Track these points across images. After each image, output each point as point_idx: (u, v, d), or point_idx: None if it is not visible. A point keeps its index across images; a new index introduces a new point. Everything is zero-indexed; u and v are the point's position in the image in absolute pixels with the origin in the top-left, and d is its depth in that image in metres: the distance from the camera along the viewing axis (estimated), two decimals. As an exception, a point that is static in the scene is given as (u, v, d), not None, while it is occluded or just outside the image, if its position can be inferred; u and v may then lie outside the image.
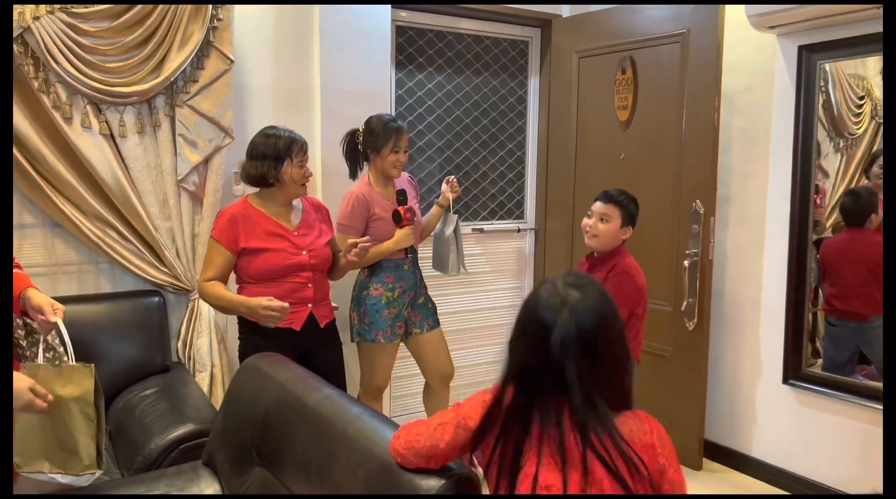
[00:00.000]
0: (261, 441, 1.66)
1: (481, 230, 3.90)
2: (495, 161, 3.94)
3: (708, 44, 3.07)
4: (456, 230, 3.13)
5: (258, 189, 2.47)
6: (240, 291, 2.46)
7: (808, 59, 2.86)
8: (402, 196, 2.81)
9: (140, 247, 2.75)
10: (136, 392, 2.56)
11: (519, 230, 4.03)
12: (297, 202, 2.55)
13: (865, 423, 2.77)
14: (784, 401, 3.06)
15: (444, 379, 3.10)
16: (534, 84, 3.99)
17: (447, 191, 3.09)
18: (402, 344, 3.01)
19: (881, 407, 2.67)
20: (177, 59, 2.65)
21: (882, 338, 2.71)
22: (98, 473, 1.73)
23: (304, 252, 2.45)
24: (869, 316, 2.81)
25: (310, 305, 2.48)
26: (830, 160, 2.93)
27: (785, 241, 2.99)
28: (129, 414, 2.46)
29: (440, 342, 3.05)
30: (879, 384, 2.77)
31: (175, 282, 2.81)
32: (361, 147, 2.84)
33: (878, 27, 2.63)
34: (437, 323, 3.05)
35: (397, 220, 2.79)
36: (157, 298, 2.78)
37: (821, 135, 2.93)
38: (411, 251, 2.90)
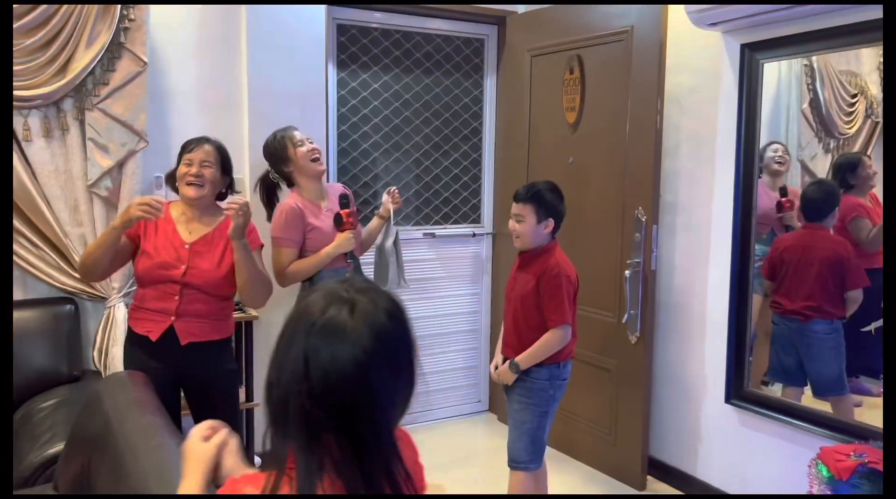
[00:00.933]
0: (88, 466, 1.58)
1: (433, 235, 3.77)
2: (448, 163, 3.81)
3: (651, 42, 2.90)
4: (396, 243, 3.01)
5: None
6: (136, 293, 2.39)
7: (751, 57, 2.68)
8: (345, 200, 2.71)
9: (51, 253, 2.69)
10: (39, 403, 2.50)
11: (474, 235, 3.90)
12: (219, 216, 2.39)
13: (807, 448, 2.58)
14: (727, 421, 2.89)
15: None
16: (490, 84, 3.85)
17: (388, 202, 2.96)
18: None
19: (824, 431, 2.50)
20: (83, 60, 2.58)
21: (821, 344, 2.59)
22: None
23: (182, 266, 2.27)
24: (811, 318, 2.64)
25: (172, 318, 2.28)
26: (819, 162, 2.75)
27: (728, 251, 2.82)
28: (24, 425, 2.39)
29: None
30: (820, 407, 2.59)
31: (88, 289, 2.74)
32: (273, 172, 2.74)
33: (821, 23, 2.45)
34: None
35: (339, 223, 2.67)
36: (68, 306, 2.72)
37: (808, 135, 2.75)
38: (352, 257, 2.76)
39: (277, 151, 2.68)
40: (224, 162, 2.39)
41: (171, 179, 2.39)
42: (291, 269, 2.63)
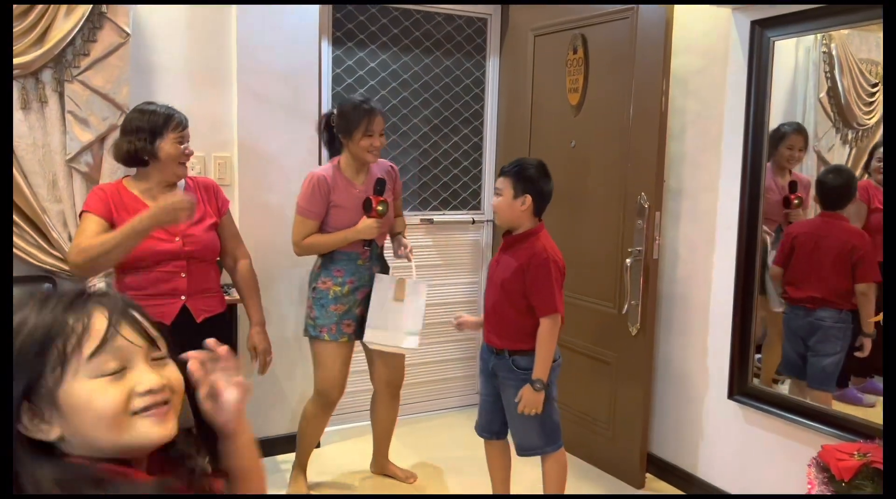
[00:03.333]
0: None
1: (430, 221, 3.66)
2: (448, 147, 3.69)
3: (657, 19, 2.76)
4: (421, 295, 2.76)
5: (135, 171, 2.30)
6: (116, 281, 2.29)
7: (761, 35, 2.54)
8: (380, 185, 2.63)
9: (29, 231, 2.61)
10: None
11: (474, 221, 3.78)
12: (180, 184, 2.36)
13: (812, 447, 2.44)
14: (730, 417, 2.76)
15: (390, 386, 2.87)
16: (493, 65, 3.72)
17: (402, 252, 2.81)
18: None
19: (831, 430, 2.36)
20: (62, 29, 2.49)
21: (826, 333, 2.47)
22: None
23: (176, 238, 2.25)
24: (818, 306, 2.52)
25: (182, 298, 2.28)
26: (837, 153, 2.63)
27: (734, 241, 2.68)
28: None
29: None
30: (827, 407, 2.46)
31: (67, 268, 2.66)
32: (335, 131, 2.64)
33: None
34: None
35: (367, 208, 2.61)
36: (46, 285, 2.64)
37: (825, 125, 2.61)
38: (370, 245, 2.68)
39: (347, 122, 2.57)
40: None
41: (135, 155, 2.22)
42: (307, 241, 2.60)
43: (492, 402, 2.48)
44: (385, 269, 2.80)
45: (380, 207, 2.60)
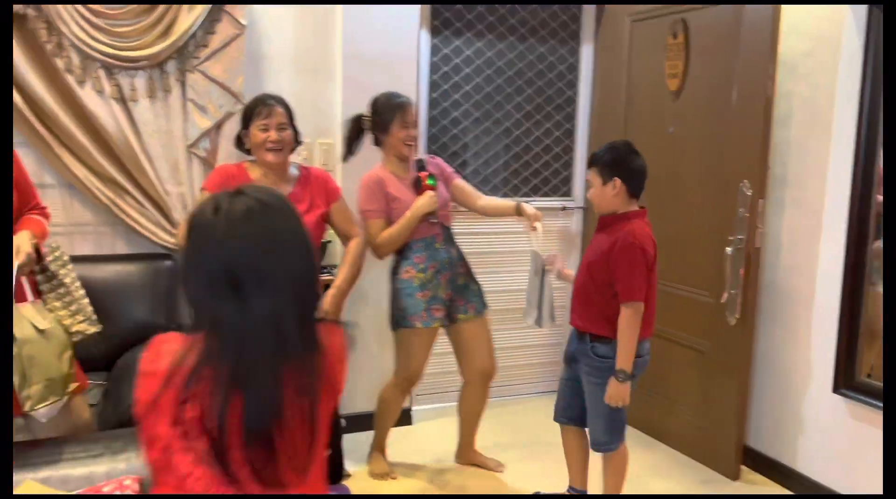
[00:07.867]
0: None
1: (521, 207, 3.68)
2: (540, 134, 3.70)
3: (764, 2, 2.69)
4: (538, 272, 2.65)
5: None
6: None
7: (880, 17, 2.44)
8: (418, 163, 2.73)
9: (152, 210, 2.80)
10: (138, 353, 2.58)
11: (564, 208, 3.79)
12: (294, 171, 2.47)
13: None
14: (834, 412, 2.69)
15: (483, 376, 2.87)
16: (587, 51, 3.70)
17: (532, 221, 2.74)
18: (442, 333, 2.83)
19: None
20: (185, 22, 2.64)
21: None
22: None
23: None
24: None
25: None
26: None
27: (843, 230, 2.60)
28: (126, 373, 2.50)
29: (482, 331, 2.84)
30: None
31: (185, 247, 2.83)
32: (371, 130, 2.71)
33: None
34: (483, 307, 2.84)
35: (418, 185, 2.67)
36: (167, 262, 2.82)
37: None
38: (442, 228, 2.72)
39: (382, 117, 2.66)
40: (292, 119, 2.43)
41: (240, 142, 2.40)
42: (380, 239, 2.64)
43: (571, 387, 2.46)
44: (459, 250, 2.82)
45: (429, 181, 2.67)
